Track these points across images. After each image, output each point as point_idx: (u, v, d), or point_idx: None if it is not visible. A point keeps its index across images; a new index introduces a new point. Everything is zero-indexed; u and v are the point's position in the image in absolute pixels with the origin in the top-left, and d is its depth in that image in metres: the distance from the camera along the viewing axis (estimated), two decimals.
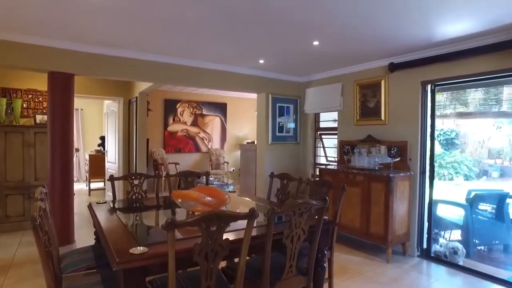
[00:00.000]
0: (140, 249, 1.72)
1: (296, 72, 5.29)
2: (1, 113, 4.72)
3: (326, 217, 2.51)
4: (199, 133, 8.71)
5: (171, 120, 8.29)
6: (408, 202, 3.96)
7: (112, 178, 3.25)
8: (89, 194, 7.39)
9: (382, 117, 4.36)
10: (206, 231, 1.70)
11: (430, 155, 3.94)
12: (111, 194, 3.34)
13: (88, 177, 7.44)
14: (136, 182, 3.36)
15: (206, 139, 8.83)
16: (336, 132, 5.38)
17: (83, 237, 4.28)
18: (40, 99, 5.29)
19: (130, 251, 1.69)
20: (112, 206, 2.90)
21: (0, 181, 4.58)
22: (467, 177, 6.36)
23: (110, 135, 6.40)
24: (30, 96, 5.23)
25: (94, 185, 7.80)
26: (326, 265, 2.57)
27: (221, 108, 9.02)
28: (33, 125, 4.86)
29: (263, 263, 2.01)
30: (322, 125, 5.71)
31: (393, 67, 4.12)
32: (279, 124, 5.39)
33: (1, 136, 4.59)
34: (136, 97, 5.44)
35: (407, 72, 4.04)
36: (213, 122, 8.93)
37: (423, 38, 3.38)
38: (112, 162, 6.25)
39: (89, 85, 5.59)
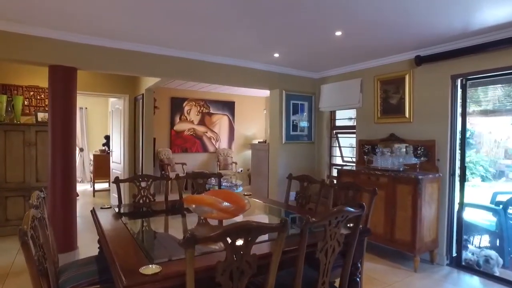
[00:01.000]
0: (153, 267, 1.44)
1: (311, 68, 4.99)
2: (1, 111, 4.47)
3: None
4: (206, 132, 8.44)
5: (177, 119, 8.03)
6: (437, 206, 3.65)
7: (117, 181, 2.98)
8: (94, 195, 7.15)
9: (406, 115, 4.05)
10: (231, 246, 1.42)
11: (461, 155, 3.63)
12: (117, 197, 3.07)
13: (92, 177, 7.20)
14: (143, 184, 3.09)
15: (214, 139, 8.56)
16: (353, 130, 5.10)
17: (87, 242, 4.02)
18: (42, 96, 5.05)
19: (141, 270, 1.41)
20: (117, 211, 2.63)
21: (0, 182, 4.34)
22: (483, 178, 6.05)
23: (115, 134, 6.15)
24: (31, 93, 4.98)
25: (98, 186, 7.56)
26: (359, 279, 2.28)
27: (229, 106, 8.74)
28: (35, 123, 4.62)
29: (294, 280, 1.73)
30: (338, 123, 5.41)
31: (419, 60, 3.81)
32: (293, 122, 5.10)
33: (1, 135, 4.34)
34: (143, 94, 5.18)
35: (435, 65, 3.73)
36: (221, 121, 8.66)
37: (458, 27, 3.07)
38: (117, 162, 6.00)
39: (93, 81, 5.34)
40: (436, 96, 3.75)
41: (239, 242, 1.44)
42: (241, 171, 8.79)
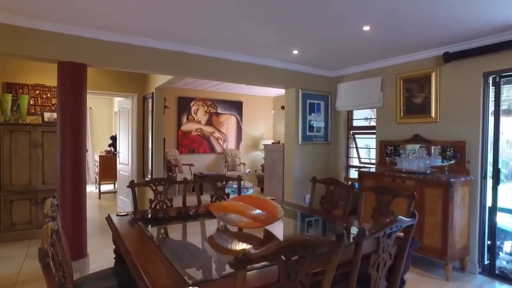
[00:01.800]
0: None
1: (327, 66, 4.80)
2: (6, 110, 4.28)
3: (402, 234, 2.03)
4: (213, 132, 8.25)
5: (184, 119, 7.83)
6: (468, 211, 3.46)
7: (133, 184, 2.79)
8: (99, 198, 6.95)
9: (432, 114, 3.85)
10: (285, 265, 1.23)
11: (494, 157, 3.43)
12: (126, 200, 2.86)
13: (98, 179, 7.00)
14: (160, 188, 2.90)
15: (221, 139, 8.36)
16: (370, 131, 4.91)
17: (96, 249, 3.84)
18: (49, 95, 4.85)
19: None
20: (135, 219, 2.43)
21: (4, 185, 4.14)
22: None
23: (123, 135, 5.95)
24: (37, 92, 4.78)
25: (103, 188, 7.36)
26: None
27: (236, 106, 8.55)
28: (41, 123, 4.42)
29: None
30: (355, 123, 5.22)
31: (448, 57, 3.61)
32: (309, 122, 4.90)
33: (6, 136, 4.15)
34: (152, 93, 4.98)
35: (466, 62, 3.53)
36: (229, 121, 8.46)
37: (500, 19, 2.87)
38: (125, 163, 5.80)
39: (100, 80, 5.15)
40: (466, 95, 3.56)
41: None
42: (249, 172, 8.60)
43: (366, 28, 3.15)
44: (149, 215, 2.66)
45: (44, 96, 4.82)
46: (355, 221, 2.59)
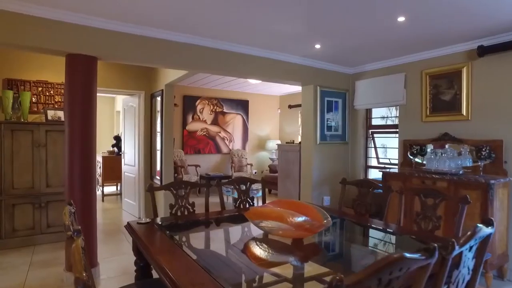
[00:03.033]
0: None
1: (346, 62, 4.58)
2: (7, 108, 4.00)
3: None
4: (219, 132, 8.00)
5: (190, 119, 7.58)
6: (507, 215, 3.25)
7: (152, 188, 2.54)
8: (103, 200, 6.66)
9: (463, 112, 3.65)
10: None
11: None
12: (138, 206, 2.62)
13: (101, 181, 6.72)
14: (181, 192, 2.65)
15: (227, 139, 8.12)
16: (389, 130, 4.70)
17: (104, 256, 3.58)
18: (51, 92, 4.58)
19: None
20: (161, 226, 2.18)
21: (6, 189, 3.86)
22: None
23: (128, 135, 5.68)
24: (40, 88, 4.51)
25: (106, 190, 7.08)
26: None
27: (242, 105, 8.31)
28: (44, 122, 4.14)
29: None
30: (374, 122, 5.00)
31: (482, 51, 3.40)
32: (327, 121, 4.68)
33: (7, 135, 3.87)
34: (162, 90, 4.72)
35: (502, 56, 3.33)
36: (234, 121, 8.22)
37: None
38: (131, 164, 5.53)
39: (104, 76, 4.86)
40: (502, 91, 3.35)
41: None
42: (255, 173, 8.36)
43: (401, 19, 2.93)
44: (174, 222, 2.40)
45: (47, 93, 4.55)
46: (393, 225, 2.37)
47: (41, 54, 4.45)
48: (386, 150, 5.23)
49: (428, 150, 3.79)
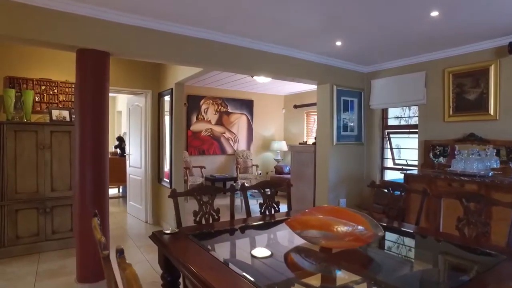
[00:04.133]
0: None
1: (363, 60, 4.43)
2: (9, 108, 3.77)
3: None
4: (224, 133, 7.81)
5: (194, 119, 7.37)
6: None
7: (175, 194, 2.34)
8: None
9: (491, 111, 3.52)
10: None
11: None
12: (145, 210, 2.44)
13: None
14: (205, 198, 2.46)
15: (232, 140, 7.93)
16: (405, 130, 4.57)
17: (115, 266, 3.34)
18: (55, 91, 4.35)
19: None
20: (194, 236, 1.99)
21: (9, 193, 3.63)
22: None
23: (133, 135, 5.46)
24: (43, 87, 4.28)
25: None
26: None
27: (247, 105, 8.12)
28: (49, 122, 3.92)
29: None
30: (390, 122, 4.86)
31: None
32: (343, 121, 4.52)
33: (10, 136, 3.64)
34: (171, 89, 4.51)
35: None
36: (239, 121, 8.03)
37: None
38: (136, 166, 5.32)
39: (110, 74, 4.62)
40: None
41: None
42: (260, 174, 8.18)
43: (435, 13, 2.78)
44: (204, 232, 2.20)
45: (51, 92, 4.32)
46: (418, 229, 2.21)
47: (44, 51, 4.23)
48: (400, 151, 5.09)
49: (455, 151, 3.65)
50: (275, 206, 2.81)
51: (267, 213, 2.74)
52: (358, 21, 3.03)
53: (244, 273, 1.42)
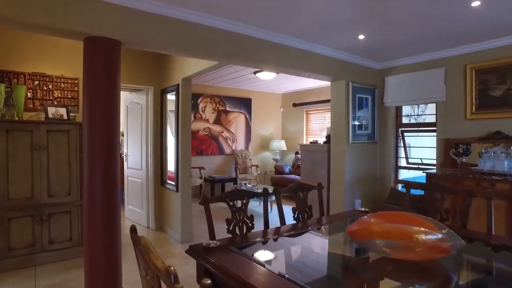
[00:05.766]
0: None
1: (376, 57, 4.26)
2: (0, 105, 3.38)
3: None
4: (222, 132, 7.52)
5: (192, 117, 7.03)
6: None
7: (206, 201, 2.07)
8: None
9: None
10: None
11: None
12: (147, 214, 2.16)
13: None
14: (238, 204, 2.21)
15: (230, 139, 7.65)
16: (422, 128, 4.45)
17: (125, 277, 3.05)
18: (50, 86, 3.95)
19: None
20: (240, 248, 1.73)
21: (0, 200, 3.24)
22: None
23: (132, 135, 5.11)
24: (36, 82, 3.88)
25: None
26: None
27: (245, 104, 7.87)
28: (44, 120, 3.54)
29: None
30: (404, 120, 4.72)
31: None
32: (358, 119, 4.34)
33: (1, 136, 3.26)
34: (177, 85, 4.19)
35: None
36: (237, 120, 7.76)
37: None
38: (136, 168, 4.97)
39: None
40: None
41: None
42: (259, 174, 7.94)
43: (476, 3, 2.62)
44: (248, 244, 1.93)
45: (45, 88, 3.93)
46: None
47: (37, 42, 3.85)
48: (410, 149, 4.97)
49: (482, 150, 3.52)
50: (308, 210, 2.59)
51: (301, 218, 2.51)
52: (394, 13, 2.84)
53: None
